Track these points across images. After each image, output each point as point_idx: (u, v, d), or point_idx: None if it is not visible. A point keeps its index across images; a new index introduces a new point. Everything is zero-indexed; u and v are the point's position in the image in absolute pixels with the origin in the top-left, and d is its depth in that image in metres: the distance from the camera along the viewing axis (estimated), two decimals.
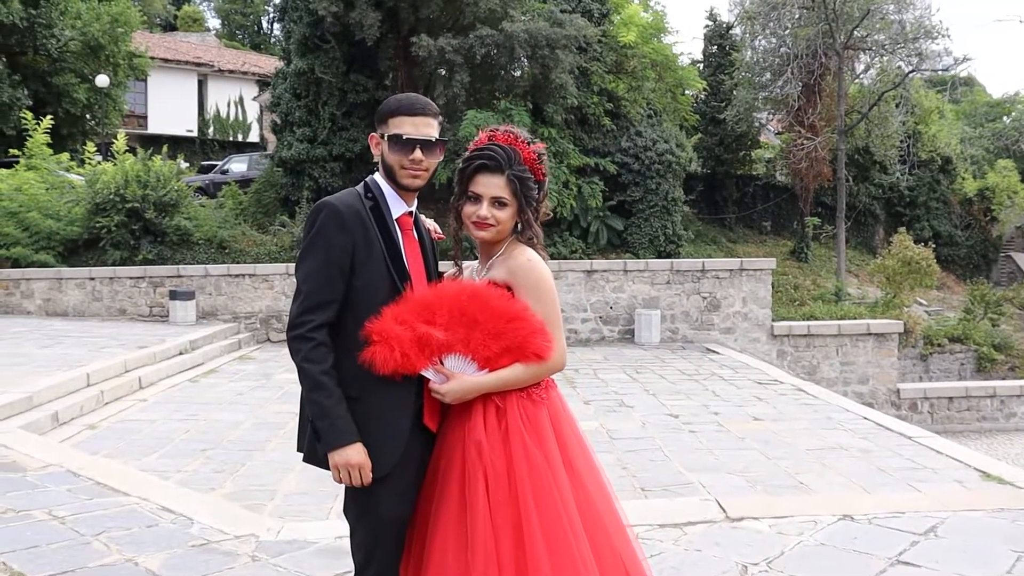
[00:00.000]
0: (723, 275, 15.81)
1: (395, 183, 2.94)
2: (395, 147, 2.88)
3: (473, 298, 2.83)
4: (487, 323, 2.79)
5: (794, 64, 30.12)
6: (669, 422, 8.73)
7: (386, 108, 2.95)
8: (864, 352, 16.37)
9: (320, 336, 2.76)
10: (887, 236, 35.90)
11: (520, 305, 2.84)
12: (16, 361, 10.03)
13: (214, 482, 6.25)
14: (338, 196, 2.89)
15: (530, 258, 2.92)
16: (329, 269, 2.78)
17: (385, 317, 2.75)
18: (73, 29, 27.61)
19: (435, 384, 2.81)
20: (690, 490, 6.21)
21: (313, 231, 2.81)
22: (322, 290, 2.78)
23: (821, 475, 6.75)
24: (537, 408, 2.87)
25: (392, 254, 2.87)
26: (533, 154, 2.95)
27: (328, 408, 2.73)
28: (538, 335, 2.82)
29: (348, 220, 2.81)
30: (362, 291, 2.81)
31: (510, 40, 19.82)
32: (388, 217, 2.91)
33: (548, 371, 2.89)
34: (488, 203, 2.89)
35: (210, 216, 19.19)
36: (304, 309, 2.77)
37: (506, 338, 2.79)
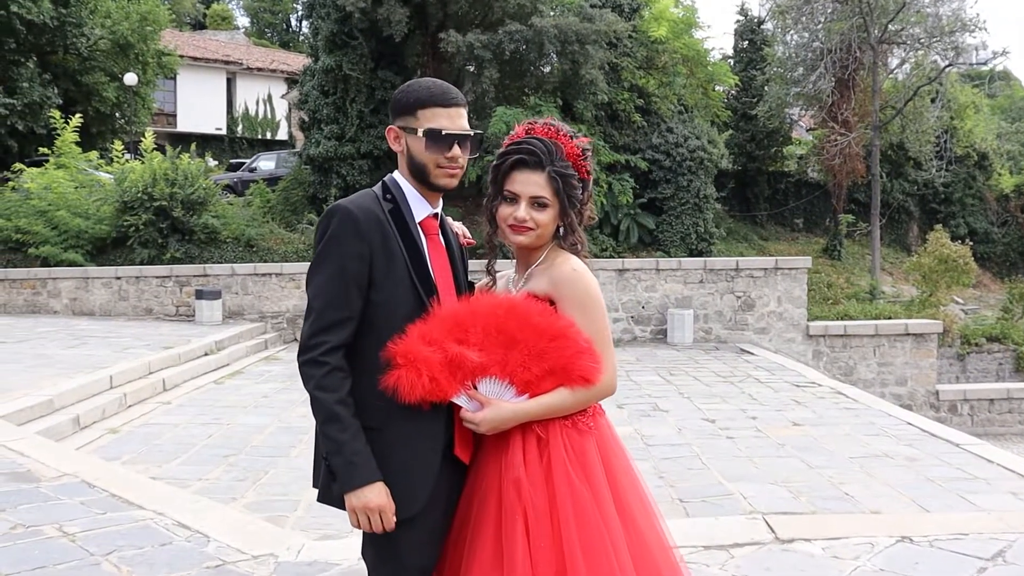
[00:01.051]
0: (757, 274, 15.47)
1: (425, 183, 2.58)
2: (431, 143, 2.52)
3: (511, 313, 2.48)
4: (527, 342, 2.46)
5: (827, 59, 29.63)
6: (706, 427, 8.45)
7: (414, 97, 2.55)
8: (902, 353, 15.98)
9: (334, 360, 2.42)
10: (921, 233, 35.33)
11: (564, 321, 2.50)
12: (40, 363, 9.91)
13: (236, 491, 6.05)
14: (353, 199, 2.53)
15: (575, 267, 2.57)
16: (344, 283, 2.43)
17: (411, 336, 2.41)
18: (103, 28, 27.61)
19: (467, 412, 2.47)
20: (731, 503, 5.93)
21: (325, 239, 2.46)
22: (336, 307, 2.43)
23: (867, 485, 6.45)
24: (584, 438, 2.51)
25: (416, 263, 2.52)
26: (577, 149, 2.60)
27: (344, 443, 2.38)
28: (585, 355, 2.48)
29: (364, 226, 2.45)
30: (382, 306, 2.47)
31: (539, 35, 19.56)
32: (411, 221, 2.56)
33: (596, 396, 2.54)
34: (526, 204, 2.55)
35: (238, 214, 19.08)
36: (316, 330, 2.42)
37: (549, 359, 2.45)
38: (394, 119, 2.59)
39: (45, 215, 16.81)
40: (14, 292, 15.50)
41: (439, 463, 2.50)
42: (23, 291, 15.47)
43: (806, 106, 32.99)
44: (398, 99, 2.58)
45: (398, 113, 2.58)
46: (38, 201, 16.99)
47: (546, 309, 2.52)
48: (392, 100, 2.60)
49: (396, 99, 2.59)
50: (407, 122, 2.55)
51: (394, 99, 2.60)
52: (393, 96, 2.61)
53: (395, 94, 2.60)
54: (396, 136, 2.59)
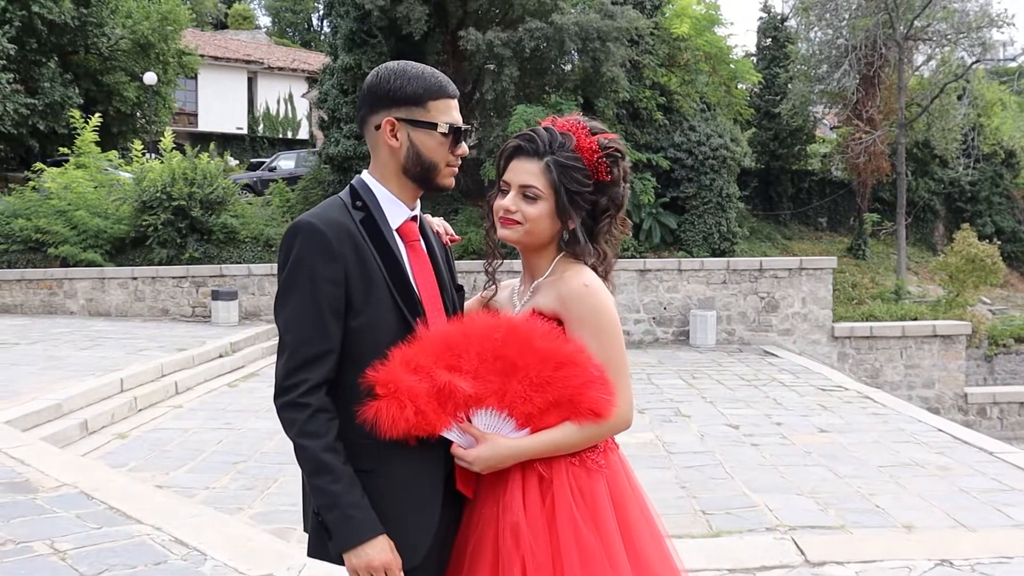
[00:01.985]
0: (782, 274, 15.20)
1: (428, 184, 2.28)
2: (452, 140, 2.25)
3: (511, 336, 2.16)
4: (529, 369, 2.13)
5: (852, 56, 29.22)
6: (729, 433, 8.21)
7: (421, 86, 2.22)
8: (930, 355, 15.66)
9: (316, 400, 2.10)
10: (947, 232, 34.85)
11: (573, 346, 2.17)
12: (51, 364, 9.80)
13: (242, 500, 5.87)
14: (317, 211, 2.21)
15: (587, 282, 2.24)
16: (318, 311, 2.11)
17: (393, 362, 2.10)
18: (123, 28, 27.65)
19: (460, 449, 2.17)
20: (756, 515, 5.69)
21: (291, 263, 2.14)
22: (313, 340, 2.12)
23: (898, 497, 6.20)
24: (593, 479, 2.19)
25: (397, 280, 2.20)
26: (593, 144, 2.26)
27: (337, 495, 2.07)
28: (595, 385, 2.15)
29: (335, 242, 2.13)
30: (363, 333, 2.15)
31: (560, 33, 19.33)
32: (386, 230, 2.24)
33: (608, 432, 2.22)
34: (515, 193, 2.27)
35: (257, 214, 18.98)
36: (293, 367, 2.11)
37: (554, 389, 2.13)
38: (388, 109, 2.23)
39: (64, 215, 16.77)
40: (31, 292, 15.45)
41: (440, 505, 2.22)
42: (40, 291, 15.42)
43: (830, 104, 32.60)
44: (396, 87, 2.22)
45: (396, 103, 2.22)
46: (58, 201, 16.94)
47: (552, 331, 2.20)
48: (379, 86, 2.24)
49: (392, 86, 2.22)
50: (412, 114, 2.23)
51: (385, 86, 2.23)
52: (379, 81, 2.24)
53: (384, 80, 2.24)
54: (393, 130, 2.23)
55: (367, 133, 2.28)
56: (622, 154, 2.33)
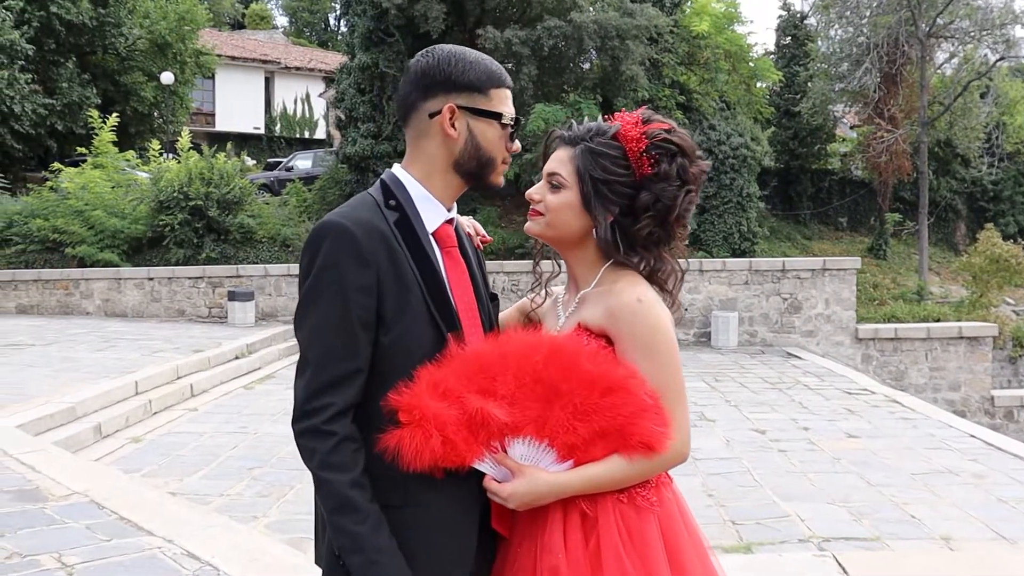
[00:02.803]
0: (804, 275, 14.96)
1: (481, 181, 2.03)
2: (505, 131, 2.01)
3: (553, 357, 1.88)
4: (573, 395, 1.86)
5: (873, 54, 28.90)
6: (755, 439, 8.01)
7: (484, 73, 1.98)
8: (955, 357, 15.39)
9: (342, 428, 1.83)
10: (969, 232, 34.48)
11: (623, 369, 1.90)
12: (66, 366, 9.69)
13: (257, 508, 5.72)
14: (347, 211, 1.93)
15: (641, 297, 1.96)
16: (347, 324, 1.84)
17: (419, 385, 1.84)
18: (141, 28, 27.66)
19: (494, 484, 1.90)
20: (788, 526, 5.50)
21: (317, 269, 1.86)
22: (341, 357, 1.84)
23: (933, 507, 5.99)
24: (643, 518, 1.92)
25: (433, 290, 1.93)
26: (635, 131, 2.00)
27: (362, 538, 1.80)
28: (648, 415, 1.87)
29: (368, 247, 1.86)
30: (394, 349, 1.88)
31: (579, 31, 19.15)
32: (422, 234, 1.97)
33: (662, 467, 1.95)
34: (543, 181, 2.07)
35: (274, 214, 18.89)
36: (316, 389, 1.83)
37: (600, 418, 1.85)
38: (447, 95, 1.96)
39: (82, 215, 16.73)
40: (47, 293, 15.39)
41: (475, 545, 1.97)
42: (56, 292, 15.35)
43: (850, 102, 32.28)
44: (458, 71, 1.97)
45: (457, 88, 1.96)
46: (75, 201, 16.90)
47: (599, 352, 1.94)
48: (436, 69, 1.98)
49: (453, 70, 1.97)
50: (474, 101, 1.97)
51: (445, 69, 1.97)
52: (437, 63, 1.98)
53: (442, 62, 1.98)
54: (452, 117, 1.96)
55: (414, 121, 2.00)
56: (680, 148, 2.02)
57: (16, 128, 23.54)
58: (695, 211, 2.10)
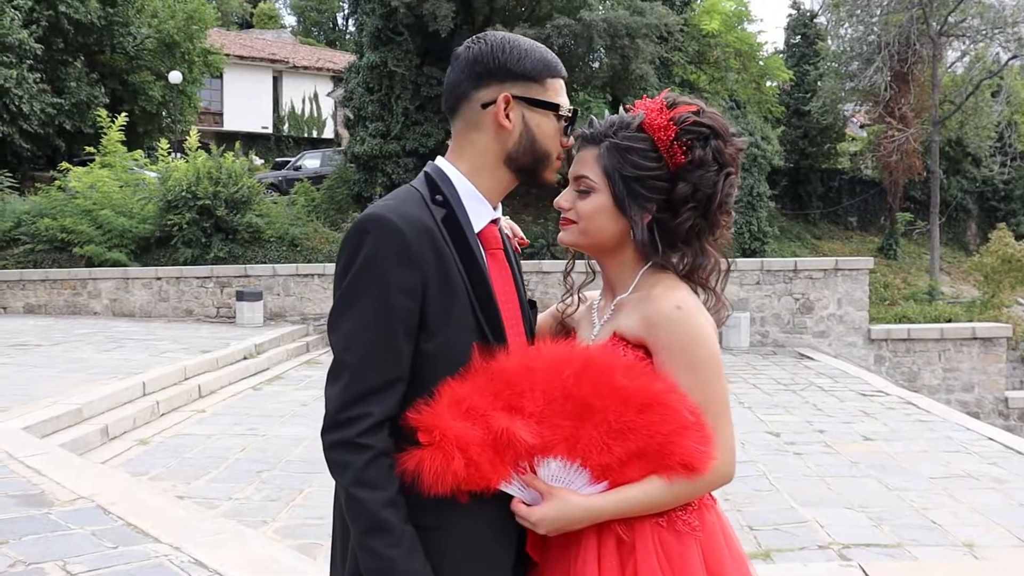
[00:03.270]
0: (817, 275, 14.81)
1: (532, 177, 1.88)
2: (560, 124, 1.87)
3: (585, 371, 1.72)
4: (607, 412, 1.70)
5: (884, 52, 28.74)
6: (771, 442, 7.89)
7: (541, 61, 1.85)
8: (969, 358, 15.22)
9: (379, 441, 1.67)
10: (980, 232, 34.31)
11: (662, 383, 1.74)
12: (73, 367, 9.61)
13: (266, 512, 5.62)
14: (392, 204, 1.76)
15: (680, 303, 1.80)
16: (389, 328, 1.68)
17: (440, 403, 1.69)
18: (149, 27, 27.63)
19: (522, 507, 1.74)
20: (807, 532, 5.39)
21: (358, 265, 1.70)
22: (380, 364, 1.68)
23: (954, 512, 5.87)
24: (684, 544, 1.76)
25: (481, 294, 1.78)
26: (661, 119, 1.83)
27: (395, 562, 1.65)
28: (689, 432, 1.71)
29: (415, 245, 1.70)
30: (436, 359, 1.72)
31: (588, 30, 19.06)
32: (470, 233, 1.80)
33: (705, 489, 1.78)
34: (571, 187, 1.91)
35: (282, 213, 18.80)
36: (353, 397, 1.67)
37: (637, 436, 1.70)
38: (502, 84, 1.82)
39: (90, 214, 16.67)
40: (54, 293, 15.33)
41: (510, 572, 1.82)
42: (63, 292, 15.29)
43: (861, 101, 32.14)
44: (513, 58, 1.82)
45: (512, 77, 1.82)
46: (83, 200, 16.85)
47: (636, 365, 1.77)
48: (490, 56, 1.83)
49: (508, 57, 1.82)
50: (530, 91, 1.83)
51: (499, 56, 1.82)
52: (490, 51, 1.83)
53: (496, 49, 1.83)
54: (507, 108, 1.81)
55: (464, 112, 1.85)
56: (712, 130, 1.85)
57: (25, 127, 23.53)
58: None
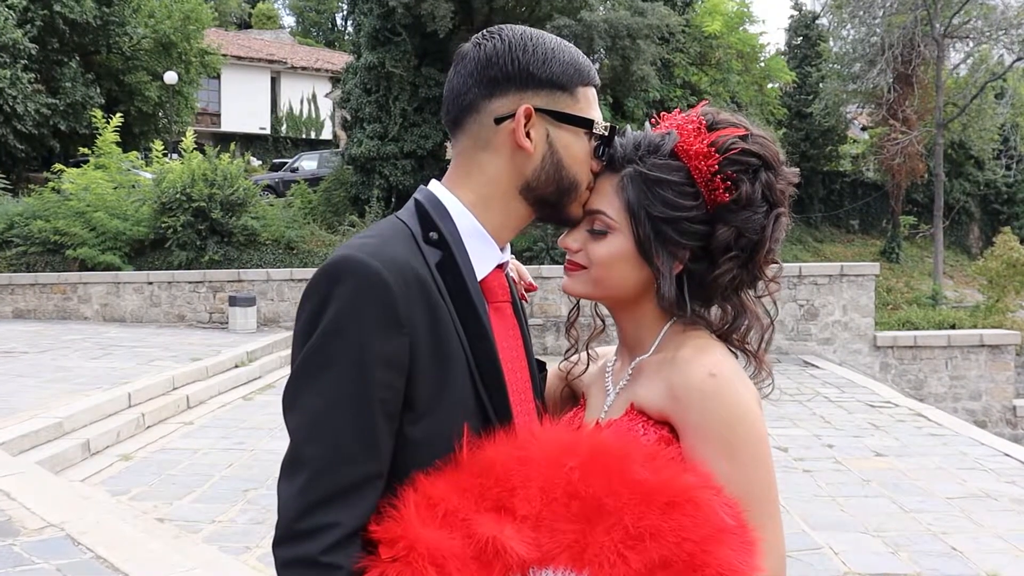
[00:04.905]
0: (821, 281, 14.53)
1: (555, 213, 1.46)
2: (591, 145, 1.44)
3: (593, 462, 1.29)
4: (622, 513, 1.25)
5: (887, 54, 28.47)
6: (779, 457, 7.60)
7: (570, 65, 1.40)
8: (976, 365, 14.94)
9: (347, 559, 1.22)
10: (983, 235, 34.06)
11: (693, 476, 1.31)
12: (58, 376, 9.32)
13: (250, 537, 5.33)
14: (374, 242, 1.30)
15: (714, 371, 1.39)
16: (365, 411, 1.24)
17: (409, 506, 1.25)
18: (145, 27, 27.38)
19: None
20: (821, 560, 5.11)
21: (325, 327, 1.25)
22: (352, 458, 1.24)
23: (975, 537, 5.59)
24: None
25: (485, 366, 1.34)
26: (703, 145, 1.43)
27: None
28: (728, 538, 1.25)
29: (402, 302, 1.26)
30: (423, 448, 1.29)
31: (589, 30, 18.79)
32: (471, 284, 1.36)
33: None
34: (583, 224, 1.49)
35: (278, 216, 18.53)
36: (314, 502, 1.23)
37: (661, 544, 1.23)
38: (521, 92, 1.38)
39: (83, 216, 16.42)
40: (44, 297, 15.04)
41: None
42: (53, 296, 15.00)
43: (863, 103, 31.87)
44: (536, 61, 1.37)
45: (535, 84, 1.38)
46: (76, 202, 16.60)
47: (659, 452, 1.35)
48: (507, 57, 1.37)
49: (530, 60, 1.37)
50: (558, 102, 1.40)
51: (519, 58, 1.37)
52: (507, 50, 1.37)
53: (514, 48, 1.38)
54: (528, 122, 1.37)
55: (471, 127, 1.41)
56: (763, 160, 1.46)
57: (19, 128, 23.28)
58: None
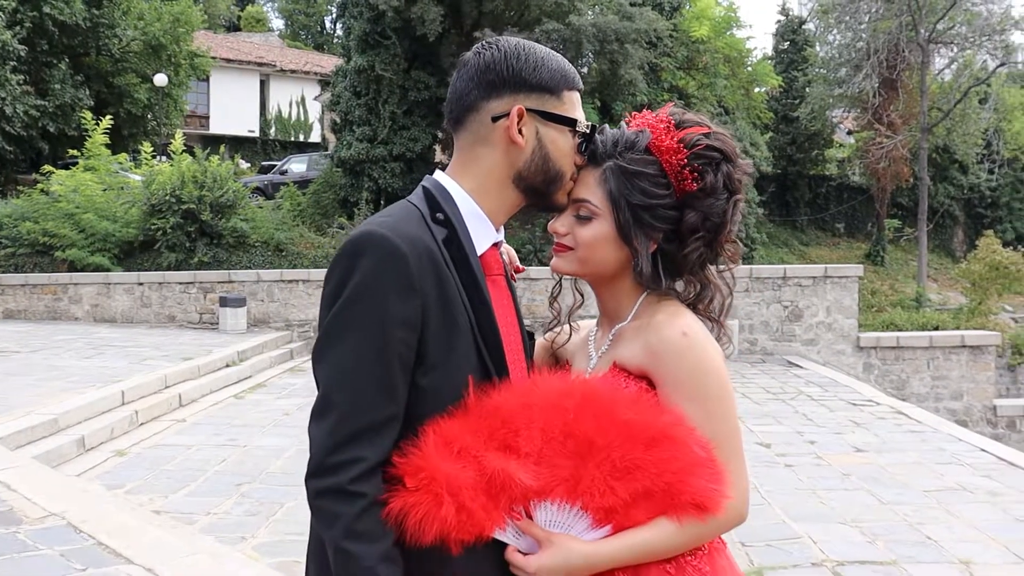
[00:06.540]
0: (806, 283, 14.71)
1: (542, 200, 1.73)
2: (575, 141, 1.71)
3: (585, 406, 1.57)
4: (611, 449, 1.55)
5: (873, 59, 28.77)
6: (761, 453, 7.77)
7: (559, 72, 1.68)
8: (958, 366, 15.14)
9: (373, 488, 1.49)
10: (967, 239, 34.40)
11: (669, 416, 1.60)
12: (51, 375, 9.41)
13: (245, 528, 5.46)
14: (391, 222, 1.57)
15: (687, 330, 1.66)
16: (385, 363, 1.50)
17: (428, 444, 1.52)
18: (135, 29, 27.42)
19: (518, 556, 1.58)
20: (800, 549, 5.27)
21: (350, 292, 1.51)
22: (374, 403, 1.50)
23: (949, 527, 5.76)
24: None
25: (486, 327, 1.61)
26: (673, 141, 1.70)
27: None
28: (700, 470, 1.57)
29: (416, 269, 1.52)
30: (432, 395, 1.55)
31: (577, 34, 18.94)
32: (472, 257, 1.63)
33: (718, 531, 1.65)
34: (570, 210, 1.75)
35: (267, 218, 18.61)
36: (343, 439, 1.49)
37: (643, 475, 1.55)
38: (515, 95, 1.65)
39: (72, 218, 16.46)
40: (35, 298, 15.10)
41: None
42: (44, 297, 15.06)
43: (849, 107, 32.17)
44: (528, 67, 1.66)
45: (527, 88, 1.65)
46: (66, 204, 16.64)
47: (640, 397, 1.63)
48: (503, 64, 1.65)
49: (523, 66, 1.65)
50: (546, 104, 1.67)
51: (514, 64, 1.65)
52: (503, 58, 1.66)
53: (510, 56, 1.66)
54: (521, 120, 1.64)
55: (471, 124, 1.68)
56: (723, 154, 1.72)
57: (7, 130, 23.30)
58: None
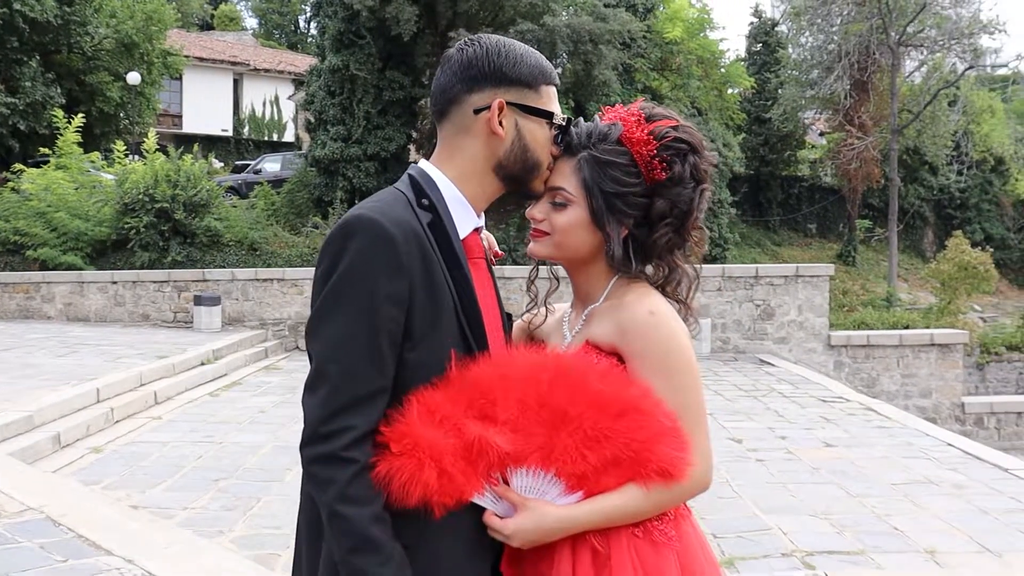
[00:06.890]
0: (777, 282, 14.88)
1: (521, 187, 1.85)
2: (551, 133, 1.84)
3: (559, 378, 1.70)
4: (582, 419, 1.67)
5: (844, 61, 29.08)
6: (732, 448, 7.88)
7: (537, 67, 1.82)
8: (927, 364, 15.37)
9: (363, 455, 1.61)
10: (937, 239, 34.80)
11: (637, 388, 1.73)
12: (25, 373, 9.37)
13: (223, 523, 5.49)
14: (380, 206, 1.70)
15: (654, 309, 1.80)
16: (374, 337, 1.63)
17: (412, 412, 1.64)
18: (107, 27, 27.20)
19: (494, 518, 1.71)
20: (770, 540, 5.37)
21: (343, 269, 1.64)
22: (365, 375, 1.63)
23: (915, 518, 5.89)
24: (660, 555, 1.75)
25: (467, 305, 1.74)
26: (641, 133, 1.82)
27: None
28: (666, 439, 1.70)
29: (404, 250, 1.65)
30: (417, 369, 1.68)
31: (551, 35, 19.04)
32: (455, 240, 1.76)
33: (682, 497, 1.77)
34: (545, 198, 1.87)
35: (241, 217, 18.55)
36: (336, 408, 1.61)
37: (613, 444, 1.67)
38: (495, 89, 1.78)
39: (44, 216, 16.35)
40: (6, 297, 14.98)
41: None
42: (16, 296, 14.95)
43: (821, 109, 32.47)
44: (508, 63, 1.79)
45: (507, 82, 1.79)
46: (37, 202, 16.53)
47: (611, 371, 1.76)
48: (484, 59, 1.79)
49: (503, 62, 1.79)
50: (524, 98, 1.80)
51: (494, 60, 1.78)
52: (485, 54, 1.79)
53: (491, 53, 1.79)
54: (501, 113, 1.77)
55: (454, 116, 1.81)
56: (690, 146, 1.84)
57: None
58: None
